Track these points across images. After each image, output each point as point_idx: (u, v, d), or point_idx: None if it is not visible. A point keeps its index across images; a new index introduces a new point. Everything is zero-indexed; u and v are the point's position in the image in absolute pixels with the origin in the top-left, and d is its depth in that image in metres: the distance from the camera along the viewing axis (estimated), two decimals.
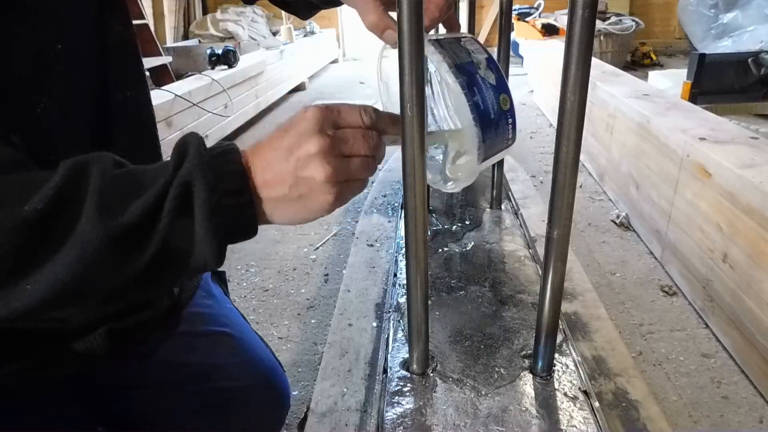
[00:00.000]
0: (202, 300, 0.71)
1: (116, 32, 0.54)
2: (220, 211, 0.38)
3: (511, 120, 0.56)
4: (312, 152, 0.40)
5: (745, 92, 2.26)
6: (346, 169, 0.42)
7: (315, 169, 0.40)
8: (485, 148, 0.53)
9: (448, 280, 0.82)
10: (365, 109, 0.44)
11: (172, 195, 0.37)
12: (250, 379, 0.69)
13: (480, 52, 0.56)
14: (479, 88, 0.53)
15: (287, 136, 0.41)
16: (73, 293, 0.36)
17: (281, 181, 0.40)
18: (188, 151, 0.39)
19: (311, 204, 0.42)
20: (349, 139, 0.42)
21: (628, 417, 0.56)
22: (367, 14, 0.52)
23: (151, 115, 0.61)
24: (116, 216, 0.36)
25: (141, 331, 0.59)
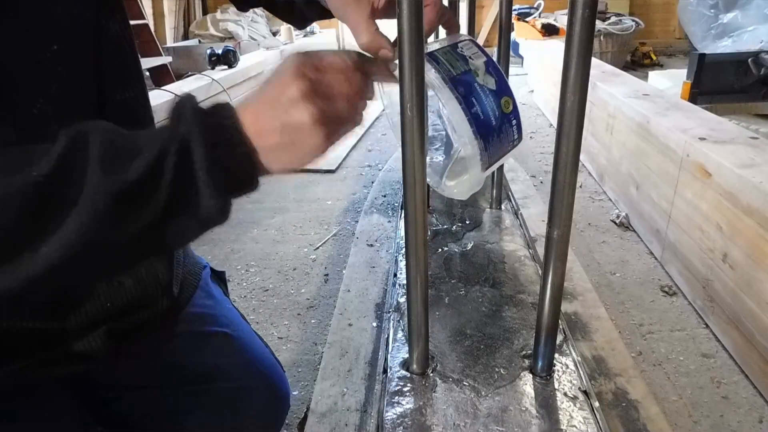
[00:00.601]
0: (202, 300, 0.71)
1: (114, 32, 0.53)
2: (219, 163, 0.39)
3: (515, 121, 0.56)
4: (295, 96, 0.41)
5: (745, 92, 2.26)
6: (332, 109, 0.42)
7: (300, 114, 0.41)
8: (488, 156, 0.54)
9: (448, 280, 0.82)
10: (347, 52, 0.45)
11: (172, 152, 0.38)
12: (250, 379, 0.69)
13: (478, 56, 0.56)
14: (478, 98, 0.52)
15: (270, 86, 0.42)
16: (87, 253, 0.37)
17: (271, 129, 0.41)
18: (184, 110, 0.40)
19: (304, 147, 0.42)
20: (330, 81, 0.43)
21: (628, 417, 0.56)
22: (360, 35, 0.53)
23: (150, 115, 0.61)
24: (120, 173, 0.37)
25: (140, 331, 0.59)
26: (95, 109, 0.51)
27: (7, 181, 0.34)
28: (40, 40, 0.45)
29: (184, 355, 0.66)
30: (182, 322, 0.66)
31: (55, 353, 0.52)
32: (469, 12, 1.25)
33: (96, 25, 0.50)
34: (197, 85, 2.55)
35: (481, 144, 0.52)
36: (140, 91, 0.58)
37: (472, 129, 0.51)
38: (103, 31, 0.52)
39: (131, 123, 0.57)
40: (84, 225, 0.36)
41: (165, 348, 0.65)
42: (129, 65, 0.57)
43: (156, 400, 0.65)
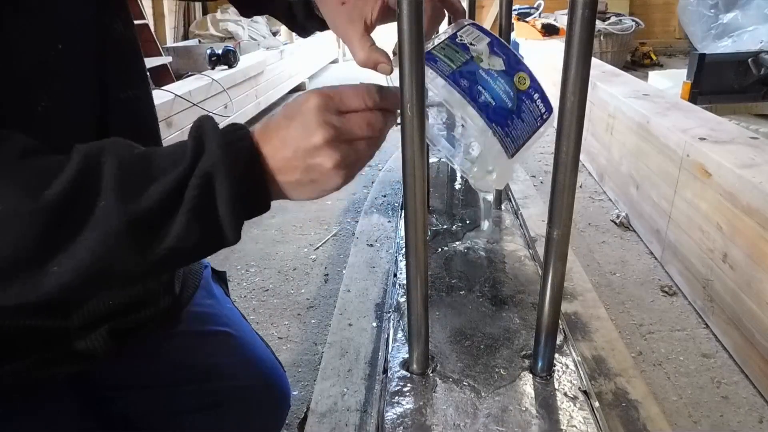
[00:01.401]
0: (203, 300, 0.71)
1: (117, 32, 0.53)
2: (241, 198, 0.40)
3: (537, 94, 0.53)
4: (318, 143, 0.41)
5: (745, 92, 2.26)
6: (353, 153, 0.44)
7: (323, 159, 0.42)
8: (513, 140, 0.51)
9: (448, 280, 0.82)
10: (368, 90, 0.44)
11: (194, 185, 0.38)
12: (250, 379, 0.69)
13: (480, 39, 0.53)
14: (485, 85, 0.51)
15: (293, 127, 0.42)
16: (96, 274, 0.38)
17: (293, 168, 0.42)
18: (206, 138, 0.40)
19: (323, 186, 0.44)
20: (353, 126, 0.43)
21: (628, 417, 0.56)
22: (356, 53, 0.53)
23: (153, 113, 0.61)
24: (134, 199, 0.37)
25: (142, 330, 0.59)
26: (99, 108, 0.51)
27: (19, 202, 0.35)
28: (45, 39, 0.45)
29: (184, 354, 0.66)
30: (183, 321, 0.66)
31: (57, 352, 0.52)
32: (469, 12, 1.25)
33: (100, 25, 0.51)
34: (197, 85, 2.55)
35: (498, 130, 0.50)
36: (144, 90, 0.58)
37: (483, 119, 0.49)
38: (107, 31, 0.52)
39: (135, 122, 0.57)
40: (96, 248, 0.36)
41: (166, 347, 0.65)
42: (132, 65, 0.57)
43: (156, 400, 0.65)
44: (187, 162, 0.39)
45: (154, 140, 0.62)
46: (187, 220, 0.38)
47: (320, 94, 0.43)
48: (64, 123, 0.47)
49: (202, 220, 0.39)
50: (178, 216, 0.38)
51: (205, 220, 0.39)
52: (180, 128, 2.34)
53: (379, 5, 0.52)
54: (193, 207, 0.38)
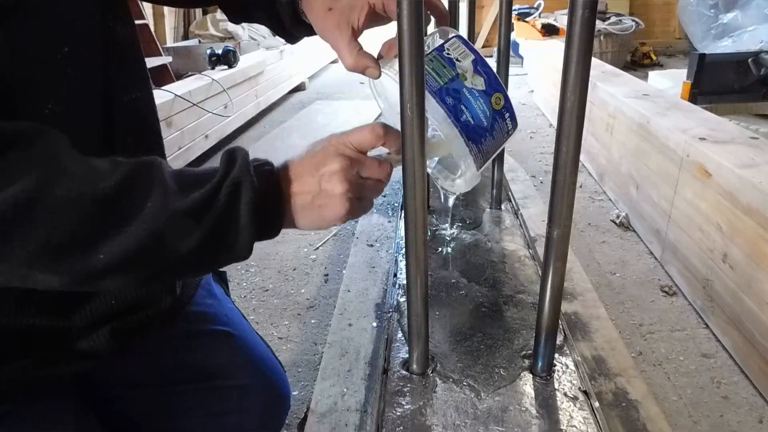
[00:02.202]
0: (203, 299, 0.71)
1: (121, 35, 0.54)
2: (260, 210, 0.45)
3: (508, 114, 0.56)
4: (335, 169, 0.47)
5: (745, 92, 2.26)
6: (361, 187, 0.49)
7: (335, 184, 0.47)
8: (483, 155, 0.54)
9: (448, 280, 0.82)
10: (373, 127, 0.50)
11: (225, 190, 0.44)
12: (250, 379, 0.69)
13: (466, 55, 0.55)
14: (467, 104, 0.53)
15: (315, 157, 0.48)
16: (138, 263, 0.42)
17: (308, 190, 0.48)
18: (236, 159, 0.46)
19: (327, 213, 0.48)
20: (366, 163, 0.50)
21: (628, 417, 0.56)
22: (344, 58, 0.55)
23: (155, 115, 0.61)
24: (179, 201, 0.42)
25: (143, 329, 0.59)
26: (103, 110, 0.51)
27: (78, 189, 0.39)
28: (51, 42, 0.45)
29: (184, 353, 0.66)
30: (183, 321, 0.66)
31: (59, 351, 0.53)
32: (469, 12, 1.25)
33: (104, 29, 0.51)
34: (197, 85, 2.55)
35: (474, 149, 0.53)
36: (146, 91, 0.59)
37: (462, 138, 0.52)
38: (110, 33, 0.52)
39: (139, 123, 0.57)
40: (140, 237, 0.40)
41: (166, 347, 0.65)
42: (135, 67, 0.57)
43: (157, 399, 0.65)
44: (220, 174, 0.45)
45: (157, 141, 0.62)
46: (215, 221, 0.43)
47: (341, 135, 0.50)
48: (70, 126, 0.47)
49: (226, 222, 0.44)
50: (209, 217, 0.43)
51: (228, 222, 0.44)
52: (180, 128, 2.35)
53: (365, 11, 0.53)
54: (222, 211, 0.43)
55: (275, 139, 2.92)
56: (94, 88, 0.50)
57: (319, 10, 0.56)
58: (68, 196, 0.38)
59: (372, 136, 0.50)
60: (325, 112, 3.39)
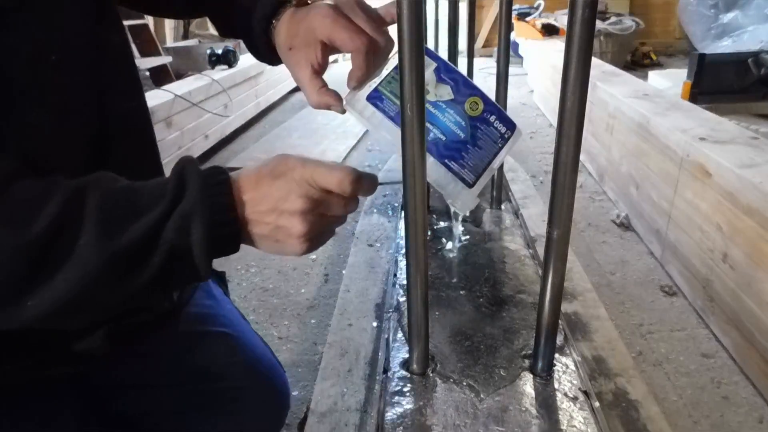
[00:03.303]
0: (202, 300, 0.71)
1: (115, 44, 0.54)
2: (213, 240, 0.42)
3: (494, 116, 0.52)
4: (296, 209, 0.44)
5: (745, 92, 2.26)
6: (321, 225, 0.47)
7: (293, 225, 0.44)
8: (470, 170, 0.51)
9: (448, 280, 0.82)
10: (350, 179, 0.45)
11: (172, 227, 0.40)
12: (250, 379, 0.69)
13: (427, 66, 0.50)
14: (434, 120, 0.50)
15: (276, 186, 0.44)
16: (72, 309, 0.39)
17: (265, 224, 0.45)
18: (187, 181, 0.42)
19: (284, 248, 0.46)
20: (330, 203, 0.46)
21: (628, 417, 0.56)
22: (308, 96, 0.55)
23: (149, 122, 0.62)
24: (115, 237, 0.38)
25: (141, 331, 0.59)
26: (95, 118, 0.51)
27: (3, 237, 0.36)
28: (39, 50, 0.45)
29: (183, 354, 0.66)
30: (182, 322, 0.66)
31: (55, 353, 0.52)
32: (469, 12, 1.25)
33: (97, 38, 0.51)
34: (197, 85, 2.55)
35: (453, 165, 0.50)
36: (140, 99, 0.59)
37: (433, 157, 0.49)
38: (104, 43, 0.52)
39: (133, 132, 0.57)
40: (73, 283, 0.38)
41: (165, 347, 0.65)
42: (128, 75, 0.58)
43: (156, 400, 0.65)
44: (167, 203, 0.41)
45: (151, 148, 0.62)
46: (162, 260, 0.40)
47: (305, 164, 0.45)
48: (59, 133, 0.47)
49: (177, 260, 0.41)
50: (155, 255, 0.40)
51: (179, 259, 0.41)
52: (180, 128, 2.34)
53: (320, 48, 0.53)
54: (170, 248, 0.40)
55: (275, 139, 2.92)
56: (85, 96, 0.50)
57: (282, 49, 0.57)
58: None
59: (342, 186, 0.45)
60: (325, 112, 3.38)
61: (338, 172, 0.45)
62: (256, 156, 2.66)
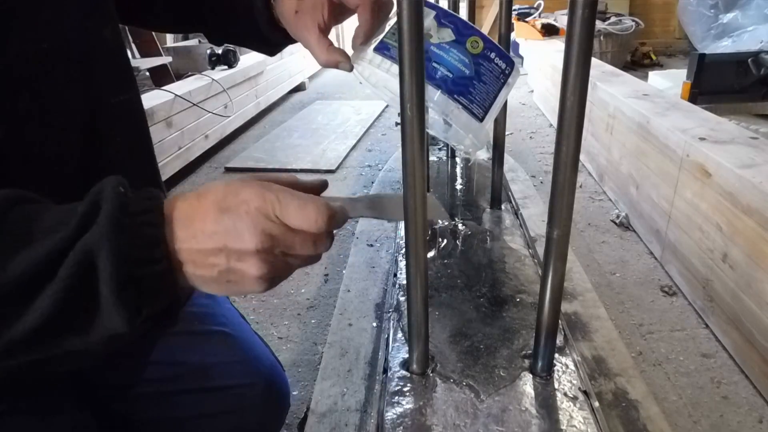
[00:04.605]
0: (201, 299, 0.71)
1: (107, 38, 0.54)
2: (131, 281, 0.34)
3: (494, 53, 0.54)
4: (248, 250, 0.37)
5: (745, 92, 2.26)
6: (284, 266, 0.39)
7: (248, 266, 0.37)
8: (478, 105, 0.52)
9: (448, 280, 0.82)
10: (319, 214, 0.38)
11: (72, 261, 0.32)
12: (249, 379, 0.69)
13: (427, 14, 0.53)
14: (439, 60, 0.52)
15: (223, 221, 0.37)
16: None
17: (209, 265, 0.37)
18: (102, 205, 0.34)
19: (239, 289, 0.39)
20: (295, 243, 0.38)
21: (628, 417, 0.56)
22: (316, 56, 0.56)
23: (143, 117, 0.62)
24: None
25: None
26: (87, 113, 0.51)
27: None
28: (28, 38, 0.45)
29: (182, 353, 0.66)
30: (181, 321, 0.65)
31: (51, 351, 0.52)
32: (469, 12, 1.25)
33: (88, 31, 0.51)
34: (197, 85, 2.55)
35: (462, 100, 0.52)
36: (134, 94, 0.59)
37: (443, 94, 0.51)
38: (96, 36, 0.52)
39: (126, 126, 0.57)
40: None
41: (163, 347, 0.65)
42: (122, 69, 0.58)
43: (155, 399, 0.65)
44: (69, 231, 0.33)
45: (145, 142, 0.62)
46: (55, 301, 0.32)
47: (265, 197, 0.37)
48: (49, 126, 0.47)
49: (77, 304, 0.33)
50: (45, 293, 0.32)
51: (81, 304, 0.33)
52: (180, 128, 2.34)
53: (327, 8, 0.55)
54: (65, 287, 0.32)
55: (275, 139, 2.92)
56: (76, 88, 0.50)
57: (288, 15, 0.57)
58: None
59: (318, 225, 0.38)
60: (325, 112, 3.39)
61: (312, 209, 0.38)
62: (256, 156, 2.66)
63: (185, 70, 2.97)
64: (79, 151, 0.50)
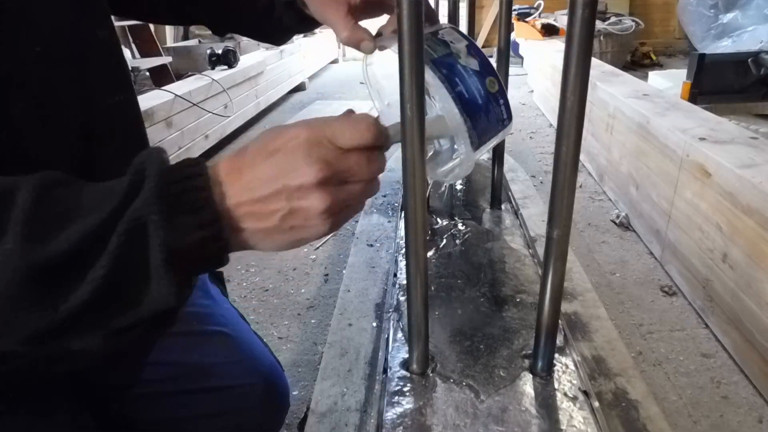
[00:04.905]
0: (199, 300, 0.71)
1: (102, 39, 0.54)
2: (182, 248, 0.33)
3: (503, 100, 0.56)
4: (309, 183, 0.35)
5: (745, 92, 2.26)
6: (347, 196, 0.38)
7: (312, 201, 0.36)
8: (478, 135, 0.53)
9: (448, 280, 0.82)
10: (368, 123, 0.38)
11: (122, 229, 0.32)
12: (249, 379, 0.69)
13: (459, 40, 0.55)
14: (461, 78, 0.53)
15: (273, 162, 0.36)
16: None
17: (271, 212, 0.36)
18: (147, 174, 0.33)
19: (303, 234, 0.38)
20: (351, 165, 0.37)
21: (627, 417, 0.56)
22: (340, 32, 0.54)
23: (139, 117, 0.62)
24: (42, 243, 0.31)
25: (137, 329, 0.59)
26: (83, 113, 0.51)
27: None
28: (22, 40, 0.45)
29: (181, 353, 0.66)
30: (180, 321, 0.65)
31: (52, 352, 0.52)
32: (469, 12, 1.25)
33: (83, 31, 0.51)
34: (197, 85, 2.55)
35: (468, 122, 0.52)
36: (129, 94, 0.59)
37: (457, 107, 0.51)
38: (91, 37, 0.52)
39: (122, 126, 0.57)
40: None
41: (162, 347, 0.65)
42: (117, 70, 0.58)
43: (154, 400, 0.65)
44: (117, 201, 0.32)
45: (142, 144, 0.62)
46: (108, 271, 0.32)
47: (312, 126, 0.37)
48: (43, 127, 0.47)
49: (128, 275, 0.32)
50: (96, 266, 0.32)
51: (132, 274, 0.33)
52: (180, 128, 2.34)
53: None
54: (117, 255, 0.32)
55: None
56: (71, 90, 0.50)
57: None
58: None
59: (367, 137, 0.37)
60: (325, 112, 3.39)
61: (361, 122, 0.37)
62: None
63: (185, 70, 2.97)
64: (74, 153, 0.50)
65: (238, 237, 0.37)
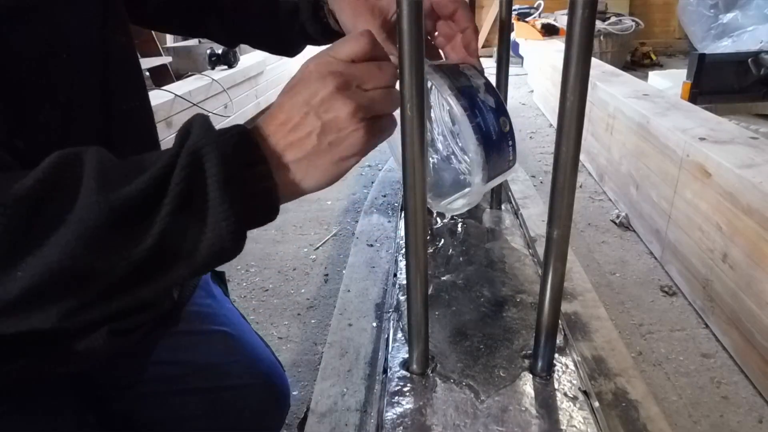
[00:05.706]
0: (202, 299, 0.71)
1: (120, 45, 0.54)
2: (237, 182, 0.35)
3: (511, 142, 0.57)
4: (329, 92, 0.38)
5: (745, 92, 2.26)
6: (369, 102, 0.40)
7: (338, 108, 0.38)
8: (489, 169, 0.54)
9: (447, 279, 0.82)
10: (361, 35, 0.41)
11: (181, 165, 0.34)
12: (249, 379, 0.69)
13: (478, 77, 0.57)
14: (480, 111, 0.54)
15: (296, 92, 0.39)
16: (69, 279, 0.33)
17: (306, 133, 0.38)
18: (194, 126, 0.36)
19: (344, 148, 0.40)
20: (363, 71, 0.40)
21: (627, 417, 0.56)
22: None
23: (153, 122, 0.62)
24: (118, 187, 0.33)
25: (141, 329, 0.59)
26: (102, 118, 0.51)
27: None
28: (49, 48, 0.45)
29: (183, 353, 0.66)
30: (182, 321, 0.66)
31: (56, 351, 0.52)
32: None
33: (105, 38, 0.51)
34: (197, 85, 2.55)
35: (483, 154, 0.53)
36: (144, 100, 0.60)
37: (476, 136, 0.52)
38: (110, 43, 0.52)
39: (137, 131, 0.58)
40: (69, 246, 0.32)
41: (164, 346, 0.65)
42: (133, 76, 0.58)
43: (155, 399, 0.65)
44: (174, 148, 0.35)
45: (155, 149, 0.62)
46: (172, 209, 0.34)
47: (316, 55, 0.41)
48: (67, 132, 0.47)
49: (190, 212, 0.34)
50: (163, 204, 0.34)
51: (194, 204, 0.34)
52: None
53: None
54: (178, 194, 0.34)
55: None
56: (93, 96, 0.50)
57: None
58: None
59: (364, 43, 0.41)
60: None
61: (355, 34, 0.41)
62: None
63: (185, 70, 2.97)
64: None
65: (286, 176, 0.39)
